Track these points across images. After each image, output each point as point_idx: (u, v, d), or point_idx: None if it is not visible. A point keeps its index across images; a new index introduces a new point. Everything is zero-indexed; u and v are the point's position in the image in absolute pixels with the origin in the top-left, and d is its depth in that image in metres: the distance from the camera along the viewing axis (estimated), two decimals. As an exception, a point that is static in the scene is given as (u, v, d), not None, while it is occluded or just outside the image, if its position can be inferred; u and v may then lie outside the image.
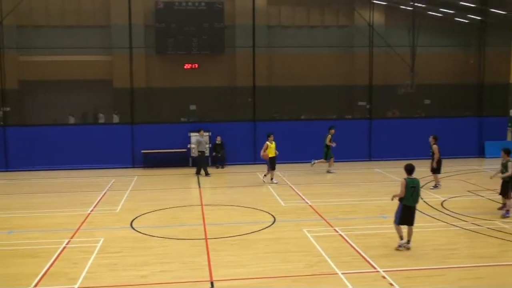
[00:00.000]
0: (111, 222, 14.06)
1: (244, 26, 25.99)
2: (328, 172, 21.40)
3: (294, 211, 15.13)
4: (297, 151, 23.59)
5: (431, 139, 18.01)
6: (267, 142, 18.87)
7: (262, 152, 18.99)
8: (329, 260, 10.69)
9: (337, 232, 12.78)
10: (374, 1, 26.13)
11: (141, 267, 10.44)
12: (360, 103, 28.63)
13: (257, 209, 15.33)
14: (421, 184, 13.87)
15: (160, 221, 14.22)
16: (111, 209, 15.57)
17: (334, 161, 21.56)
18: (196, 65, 29.58)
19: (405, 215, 11.31)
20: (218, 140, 23.03)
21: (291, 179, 19.93)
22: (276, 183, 19.01)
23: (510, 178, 13.81)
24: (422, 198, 16.22)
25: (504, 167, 13.85)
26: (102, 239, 12.27)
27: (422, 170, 18.22)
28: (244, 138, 23.66)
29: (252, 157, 23.53)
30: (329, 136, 21.43)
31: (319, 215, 14.52)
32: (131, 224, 13.69)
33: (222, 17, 29.36)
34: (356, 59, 29.20)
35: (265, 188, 18.63)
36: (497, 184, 14.55)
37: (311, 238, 12.24)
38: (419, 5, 29.88)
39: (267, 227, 13.29)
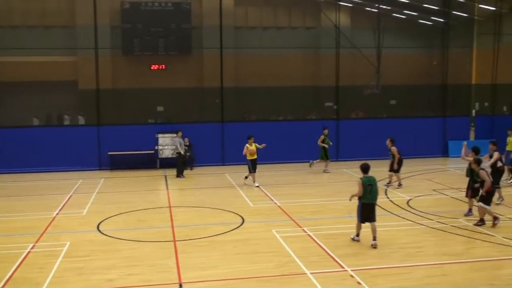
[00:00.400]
0: (77, 225, 13.83)
1: (212, 26, 25.94)
2: (325, 171, 21.66)
3: (263, 212, 15.16)
4: (265, 152, 23.59)
5: (388, 142, 18.28)
6: (247, 145, 18.65)
7: (244, 152, 18.68)
8: (298, 260, 10.75)
9: (306, 232, 12.87)
10: (340, 3, 26.40)
11: (108, 270, 10.31)
12: (327, 103, 28.90)
13: (226, 210, 15.30)
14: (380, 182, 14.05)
15: (127, 223, 14.05)
16: (77, 212, 15.32)
17: (305, 161, 21.73)
18: (163, 66, 29.39)
19: (365, 212, 11.68)
20: (186, 141, 22.87)
21: (260, 180, 19.91)
22: (257, 186, 18.70)
23: (471, 179, 14.02)
24: (388, 198, 16.54)
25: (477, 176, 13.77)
26: (68, 243, 12.06)
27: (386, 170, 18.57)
28: (213, 139, 23.60)
29: (220, 158, 23.51)
30: (322, 136, 21.68)
31: (288, 215, 14.59)
32: (98, 227, 13.49)
33: (189, 17, 29.24)
34: (323, 60, 29.47)
35: (234, 189, 18.62)
36: (462, 182, 14.86)
37: (280, 239, 12.29)
38: (384, 7, 30.35)
39: (235, 228, 13.29)
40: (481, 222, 13.08)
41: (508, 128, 19.91)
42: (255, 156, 18.72)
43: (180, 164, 21.01)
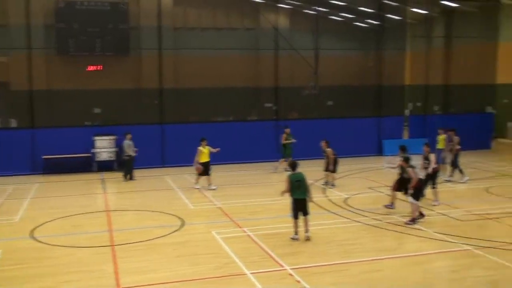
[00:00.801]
0: (10, 233, 13.31)
1: (150, 27, 25.61)
2: (286, 170, 21.68)
3: (203, 213, 15.12)
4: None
5: (323, 144, 18.65)
6: (200, 148, 18.40)
7: (196, 158, 18.25)
8: (238, 261, 10.79)
9: (246, 232, 12.93)
10: (279, 5, 26.71)
11: (44, 278, 9.99)
12: (267, 104, 29.15)
13: (165, 213, 15.15)
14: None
15: (63, 229, 13.64)
16: (9, 219, 14.73)
17: (246, 162, 21.81)
18: (100, 66, 28.73)
19: (296, 207, 12.08)
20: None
21: (200, 182, 19.85)
22: (215, 188, 18.36)
23: (401, 176, 14.56)
24: (326, 196, 16.87)
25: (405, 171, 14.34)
26: (0, 251, 11.59)
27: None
28: (152, 141, 23.29)
29: (159, 160, 23.25)
30: (284, 135, 21.90)
31: (228, 216, 14.62)
32: (31, 234, 13.03)
33: (126, 17, 28.72)
34: (262, 61, 29.70)
35: (173, 191, 18.45)
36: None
37: (220, 240, 12.30)
38: (322, 9, 30.92)
39: (175, 231, 13.18)
40: (420, 216, 13.59)
41: (439, 127, 20.74)
42: (208, 159, 18.35)
43: (129, 167, 20.61)
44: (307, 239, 12.03)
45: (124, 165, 20.77)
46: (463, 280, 9.77)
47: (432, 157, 15.80)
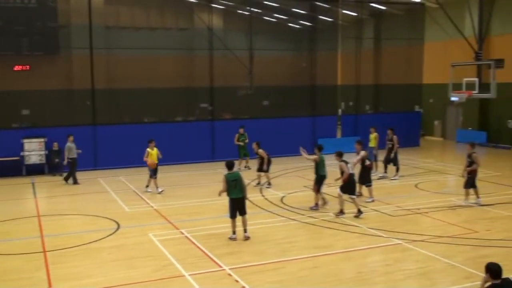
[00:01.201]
0: None
1: (80, 26, 24.87)
2: (246, 168, 21.88)
3: (139, 216, 14.87)
4: (139, 155, 23.18)
5: (254, 146, 18.82)
6: (148, 149, 17.96)
7: (144, 158, 17.97)
8: (176, 263, 10.70)
9: (183, 234, 12.84)
10: (213, 5, 26.65)
11: (-31, 288, 9.52)
12: (202, 104, 29.03)
13: (100, 216, 14.79)
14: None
15: (-10, 236, 13.05)
16: None
17: (182, 163, 21.62)
18: (28, 66, 27.59)
19: (233, 207, 12.17)
20: (55, 146, 21.72)
21: (135, 184, 19.55)
22: (162, 191, 18.00)
23: (317, 175, 15.20)
24: (263, 196, 17.01)
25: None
26: None
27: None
28: (84, 143, 22.63)
29: (92, 162, 22.64)
30: (237, 135, 22.16)
31: (165, 218, 14.46)
32: (-44, 243, 12.39)
33: (55, 16, 27.73)
34: (197, 61, 29.53)
35: (108, 194, 18.04)
36: (330, 178, 15.66)
37: (157, 242, 12.15)
38: (255, 10, 31.15)
39: (111, 235, 12.90)
40: (340, 213, 14.07)
41: (370, 126, 21.38)
42: (156, 161, 17.87)
43: (72, 170, 19.91)
44: (246, 238, 12.11)
45: (70, 168, 20.05)
46: (395, 273, 10.13)
47: (362, 153, 16.28)
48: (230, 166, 12.39)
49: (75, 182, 19.88)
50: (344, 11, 31.85)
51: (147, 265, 10.63)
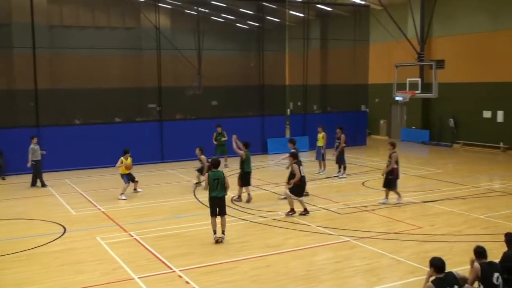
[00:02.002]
0: None
1: (22, 24, 24.04)
2: (225, 166, 21.85)
3: (86, 219, 14.55)
4: (86, 157, 22.76)
5: (197, 151, 18.76)
6: (122, 158, 17.25)
7: (119, 164, 17.28)
8: (125, 266, 10.54)
9: (132, 236, 12.66)
10: (160, 4, 26.34)
11: None
12: (150, 105, 28.69)
13: (45, 220, 14.38)
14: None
15: None
16: None
17: (147, 164, 21.22)
18: (-36, 66, 26.54)
19: (213, 206, 12.09)
20: (-4, 148, 20.97)
21: (81, 186, 19.11)
22: (139, 191, 17.77)
23: (241, 170, 16.14)
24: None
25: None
26: None
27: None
28: (27, 145, 21.93)
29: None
30: (215, 134, 22.43)
31: (113, 221, 14.20)
32: None
33: (-5, 13, 26.79)
34: (144, 61, 29.15)
35: (53, 197, 17.55)
36: (280, 177, 15.83)
37: (106, 246, 11.93)
38: (203, 10, 31.05)
39: (57, 239, 12.56)
40: (291, 212, 14.21)
41: (318, 125, 21.63)
42: (130, 170, 17.40)
43: (35, 173, 19.19)
44: (219, 240, 11.96)
45: (33, 171, 19.34)
46: (344, 270, 10.34)
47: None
48: (215, 164, 12.26)
49: (43, 185, 19.25)
50: (291, 12, 32.19)
51: (95, 269, 10.42)
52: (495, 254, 8.51)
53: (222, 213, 12.19)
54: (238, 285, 9.66)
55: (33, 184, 19.34)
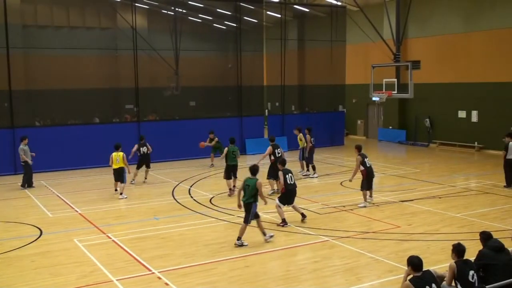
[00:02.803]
0: None
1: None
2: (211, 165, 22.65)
3: (63, 221, 14.34)
4: (63, 158, 22.46)
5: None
6: (121, 153, 17.16)
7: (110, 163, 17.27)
8: (103, 268, 10.42)
9: (110, 238, 12.52)
10: (136, 4, 26.11)
11: None
12: (128, 106, 28.42)
13: (21, 223, 14.14)
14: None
15: None
16: None
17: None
18: None
19: (244, 211, 12.15)
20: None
21: (58, 188, 18.85)
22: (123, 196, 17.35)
23: (226, 164, 17.19)
24: (192, 197, 16.93)
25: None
26: None
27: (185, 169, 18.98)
28: (1, 147, 21.60)
29: (11, 167, 21.58)
30: (208, 139, 23.17)
31: (91, 223, 14.04)
32: None
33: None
34: (121, 61, 28.84)
35: (29, 199, 17.26)
36: (260, 177, 15.76)
37: (83, 248, 11.78)
38: (180, 10, 30.88)
39: (33, 242, 12.36)
40: (283, 223, 13.45)
41: (296, 126, 21.55)
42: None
43: (26, 174, 18.84)
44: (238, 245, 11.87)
45: (24, 172, 19.00)
46: (323, 270, 10.37)
47: (267, 150, 17.44)
48: (253, 171, 12.31)
49: (30, 185, 18.99)
50: (268, 12, 32.20)
51: (73, 272, 10.28)
52: (471, 252, 8.62)
53: (244, 220, 12.03)
54: (217, 286, 9.63)
55: (24, 185, 19.04)
